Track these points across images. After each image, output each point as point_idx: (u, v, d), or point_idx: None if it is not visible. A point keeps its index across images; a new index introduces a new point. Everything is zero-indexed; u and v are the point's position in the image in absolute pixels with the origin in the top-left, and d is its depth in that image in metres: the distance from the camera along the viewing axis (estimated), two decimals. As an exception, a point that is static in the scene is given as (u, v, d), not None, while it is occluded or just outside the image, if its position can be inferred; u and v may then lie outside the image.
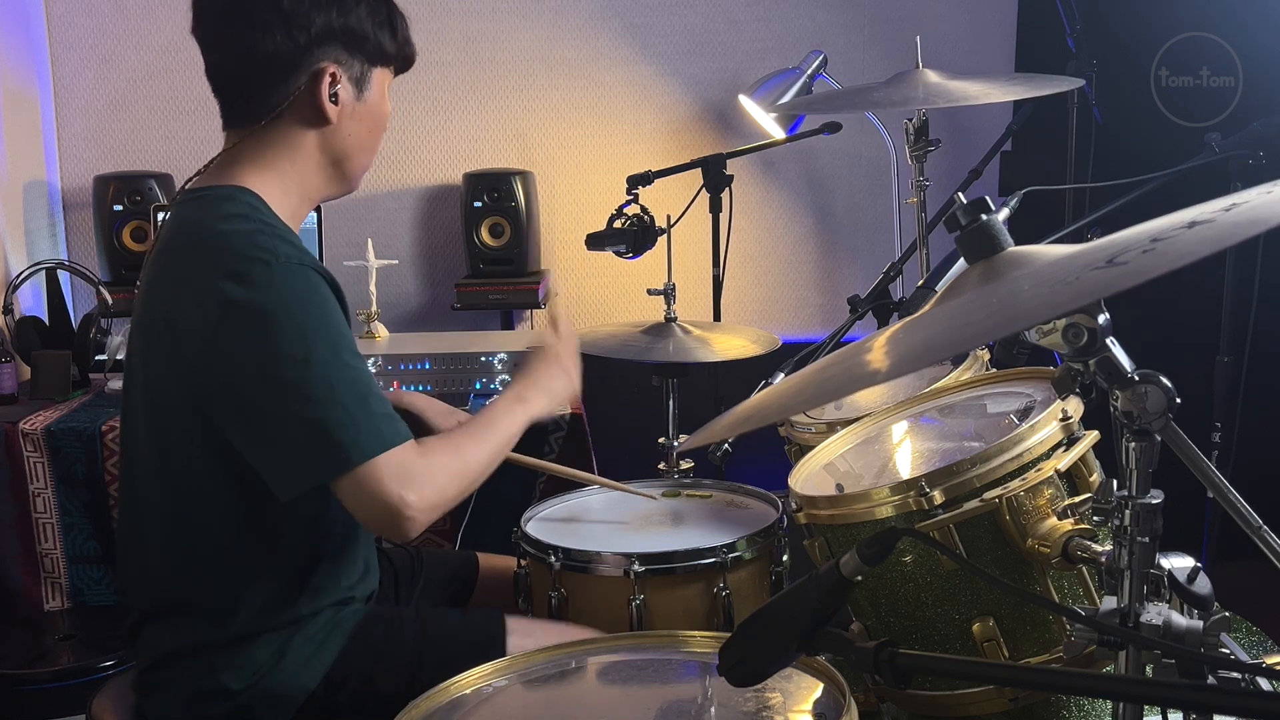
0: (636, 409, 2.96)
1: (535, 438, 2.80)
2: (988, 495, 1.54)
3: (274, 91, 1.64)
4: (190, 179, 1.71)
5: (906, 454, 1.92)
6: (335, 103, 1.66)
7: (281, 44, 1.61)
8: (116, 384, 2.97)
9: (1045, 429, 1.59)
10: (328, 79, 1.65)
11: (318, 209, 3.29)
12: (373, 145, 1.75)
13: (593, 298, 3.74)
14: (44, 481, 2.73)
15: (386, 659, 1.72)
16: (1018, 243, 1.22)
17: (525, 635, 1.76)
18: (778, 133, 3.43)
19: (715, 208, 3.05)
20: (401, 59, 1.75)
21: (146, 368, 1.66)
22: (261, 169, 1.66)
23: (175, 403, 1.61)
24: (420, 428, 2.01)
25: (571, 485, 2.24)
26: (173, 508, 1.65)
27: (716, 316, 3.15)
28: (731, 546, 1.89)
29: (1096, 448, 1.63)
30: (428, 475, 1.56)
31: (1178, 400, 1.16)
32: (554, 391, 1.86)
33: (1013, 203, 2.34)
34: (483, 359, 2.86)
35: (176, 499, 1.65)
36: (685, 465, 2.59)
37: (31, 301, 3.27)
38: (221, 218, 1.60)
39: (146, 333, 1.65)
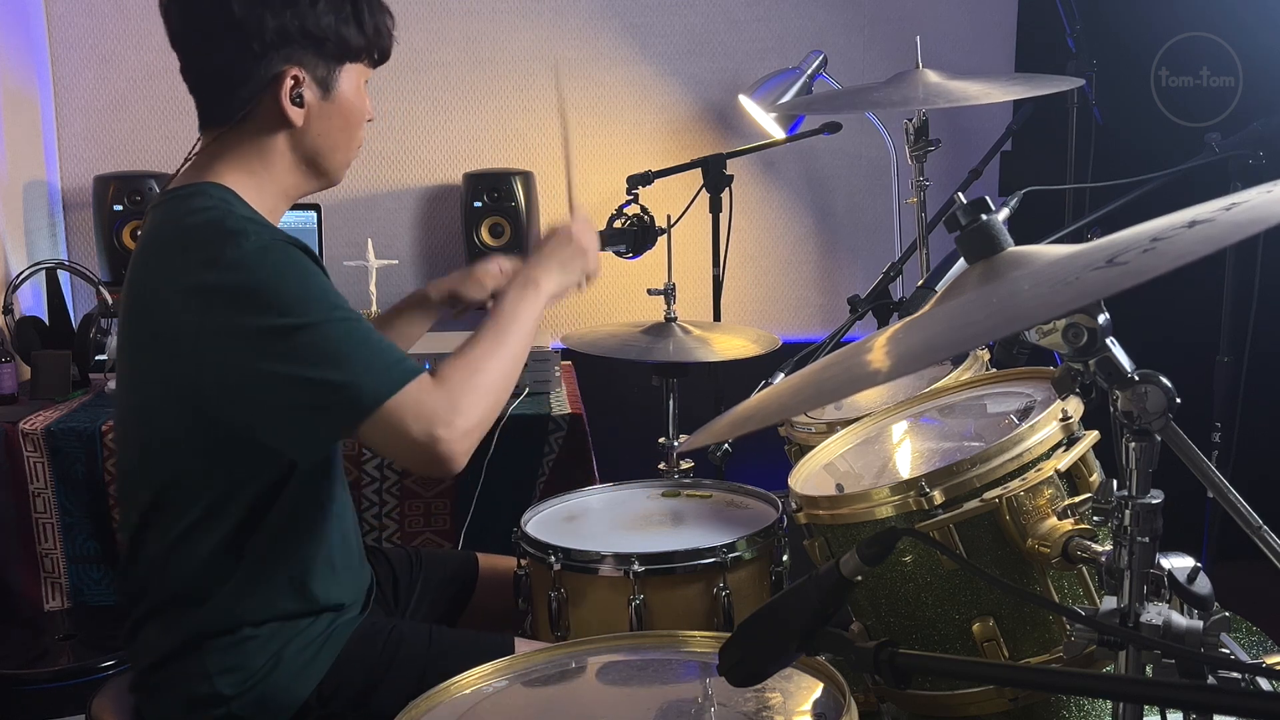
0: (636, 409, 2.96)
1: (535, 438, 2.80)
2: (988, 495, 1.54)
3: (234, 98, 1.63)
4: (168, 180, 1.71)
5: (906, 454, 1.92)
6: (300, 105, 1.63)
7: (235, 52, 1.60)
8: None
9: (1045, 429, 1.59)
10: (289, 83, 1.62)
11: (318, 209, 3.30)
12: (347, 142, 1.71)
13: (593, 298, 3.75)
14: (44, 481, 2.73)
15: (386, 674, 1.71)
16: (1018, 243, 1.22)
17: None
18: (778, 133, 3.43)
19: (715, 208, 3.05)
20: (374, 51, 1.70)
21: (134, 369, 1.66)
22: (235, 168, 1.65)
23: (165, 399, 1.60)
24: (461, 305, 2.02)
25: (572, 485, 2.24)
26: (166, 507, 1.65)
27: (716, 316, 3.15)
28: (731, 546, 1.89)
29: (1096, 448, 1.63)
30: (447, 403, 1.53)
31: (1178, 400, 1.16)
32: (568, 266, 1.80)
33: (1013, 203, 2.34)
34: (483, 359, 2.85)
35: (169, 498, 1.65)
36: (685, 465, 2.59)
37: (31, 301, 3.27)
38: (191, 212, 1.59)
39: (131, 335, 1.65)
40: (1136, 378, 1.16)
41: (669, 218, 2.72)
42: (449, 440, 1.52)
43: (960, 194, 1.30)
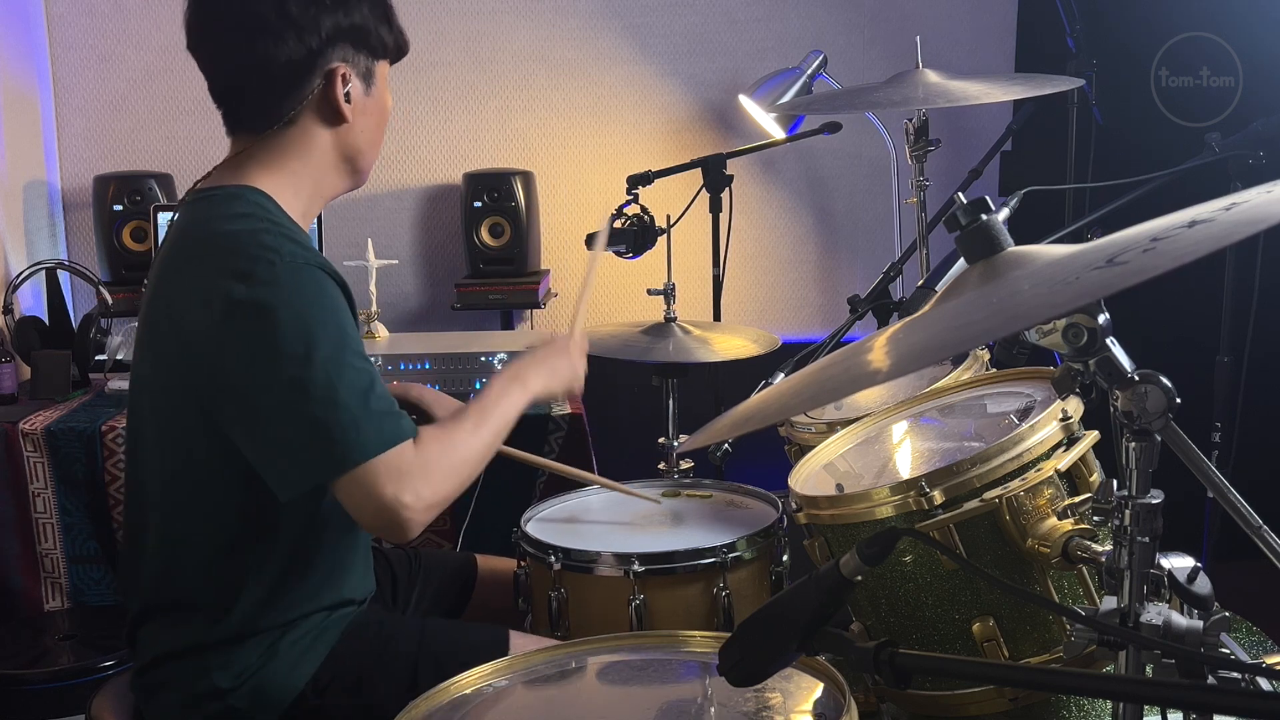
0: (636, 409, 2.96)
1: (534, 438, 2.80)
2: (988, 495, 1.54)
3: (287, 98, 1.64)
4: (199, 180, 1.71)
5: (906, 454, 1.92)
6: (348, 101, 1.66)
7: (294, 50, 1.61)
8: (116, 384, 2.97)
9: (1045, 429, 1.59)
10: (340, 78, 1.65)
11: (318, 209, 3.29)
12: (380, 138, 1.76)
13: (593, 298, 3.73)
14: (44, 481, 2.73)
15: (379, 666, 1.71)
16: (1018, 243, 1.22)
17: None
18: (778, 133, 3.43)
19: (715, 208, 3.05)
20: (398, 50, 1.75)
21: (153, 366, 1.66)
22: (273, 170, 1.66)
23: (180, 401, 1.61)
24: (425, 420, 2.01)
25: (572, 485, 2.24)
26: (174, 505, 1.66)
27: (716, 316, 3.15)
28: (731, 546, 1.89)
29: (1096, 448, 1.63)
30: (423, 476, 1.55)
31: (1178, 400, 1.16)
32: (555, 372, 1.82)
33: (1013, 203, 2.34)
34: (483, 359, 2.86)
35: (178, 497, 1.65)
36: (685, 465, 2.59)
37: (31, 301, 3.27)
38: (228, 217, 1.60)
39: (152, 331, 1.66)
40: (1136, 378, 1.16)
41: (669, 218, 2.72)
42: (413, 509, 1.54)
43: (960, 194, 1.30)
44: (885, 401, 2.08)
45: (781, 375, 2.38)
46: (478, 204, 3.39)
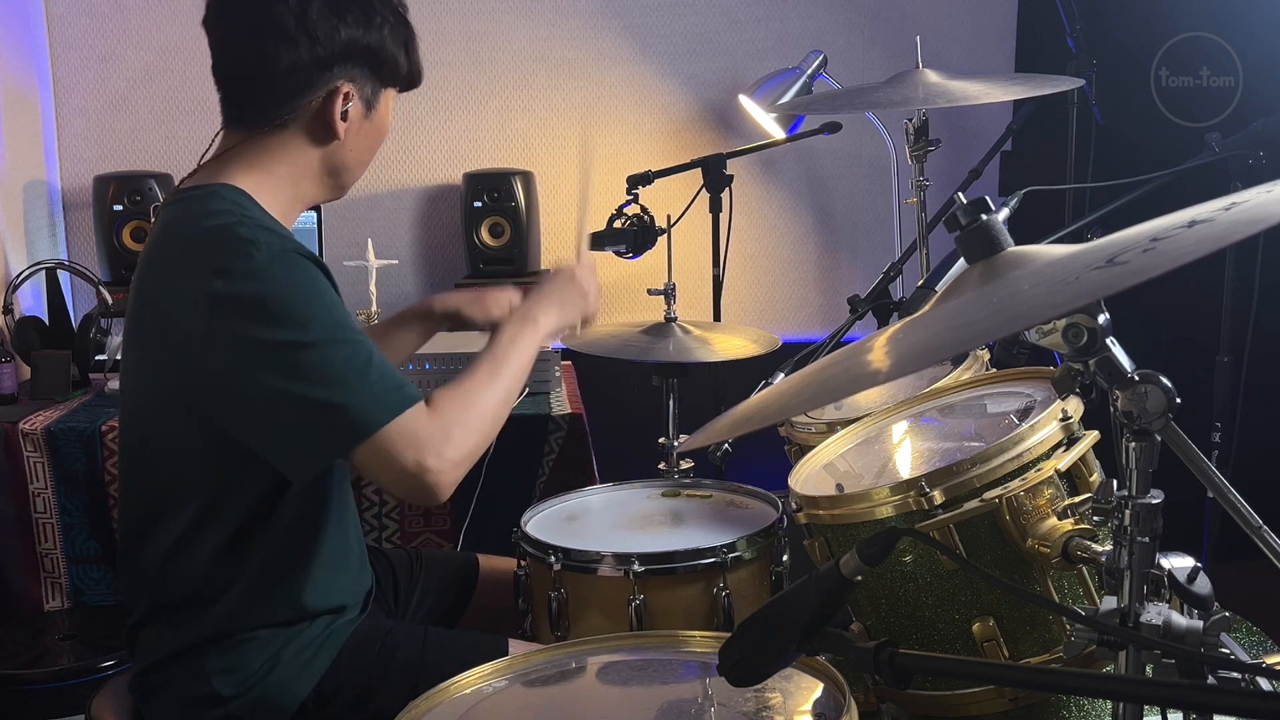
0: (636, 409, 2.96)
1: (534, 438, 2.80)
2: (988, 495, 1.54)
3: (285, 103, 1.63)
4: (184, 179, 1.70)
5: (906, 454, 1.92)
6: (344, 120, 1.65)
7: (302, 57, 1.60)
8: (116, 384, 2.97)
9: (1045, 429, 1.59)
10: (341, 98, 1.64)
11: (318, 209, 3.30)
12: (370, 159, 1.75)
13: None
14: (44, 481, 2.73)
15: (382, 676, 1.71)
16: (1018, 243, 1.22)
17: None
18: (778, 133, 3.43)
19: (715, 208, 3.05)
20: (410, 80, 1.75)
21: (141, 369, 1.66)
22: (256, 171, 1.66)
23: (170, 402, 1.61)
24: (460, 326, 2.00)
25: (572, 485, 2.24)
26: (168, 506, 1.65)
27: (716, 316, 3.15)
28: (731, 546, 1.89)
29: (1096, 448, 1.63)
30: (441, 434, 1.55)
31: (1178, 400, 1.16)
32: (566, 306, 1.82)
33: (1013, 203, 2.34)
34: (483, 359, 2.85)
35: (172, 497, 1.65)
36: (685, 465, 2.59)
37: (31, 301, 3.27)
38: (204, 215, 1.59)
39: (139, 334, 1.65)
40: (1136, 378, 1.16)
41: (669, 218, 2.72)
42: (438, 471, 1.53)
43: (960, 194, 1.30)
44: (885, 401, 2.08)
45: (781, 375, 2.38)
46: (478, 204, 3.39)
